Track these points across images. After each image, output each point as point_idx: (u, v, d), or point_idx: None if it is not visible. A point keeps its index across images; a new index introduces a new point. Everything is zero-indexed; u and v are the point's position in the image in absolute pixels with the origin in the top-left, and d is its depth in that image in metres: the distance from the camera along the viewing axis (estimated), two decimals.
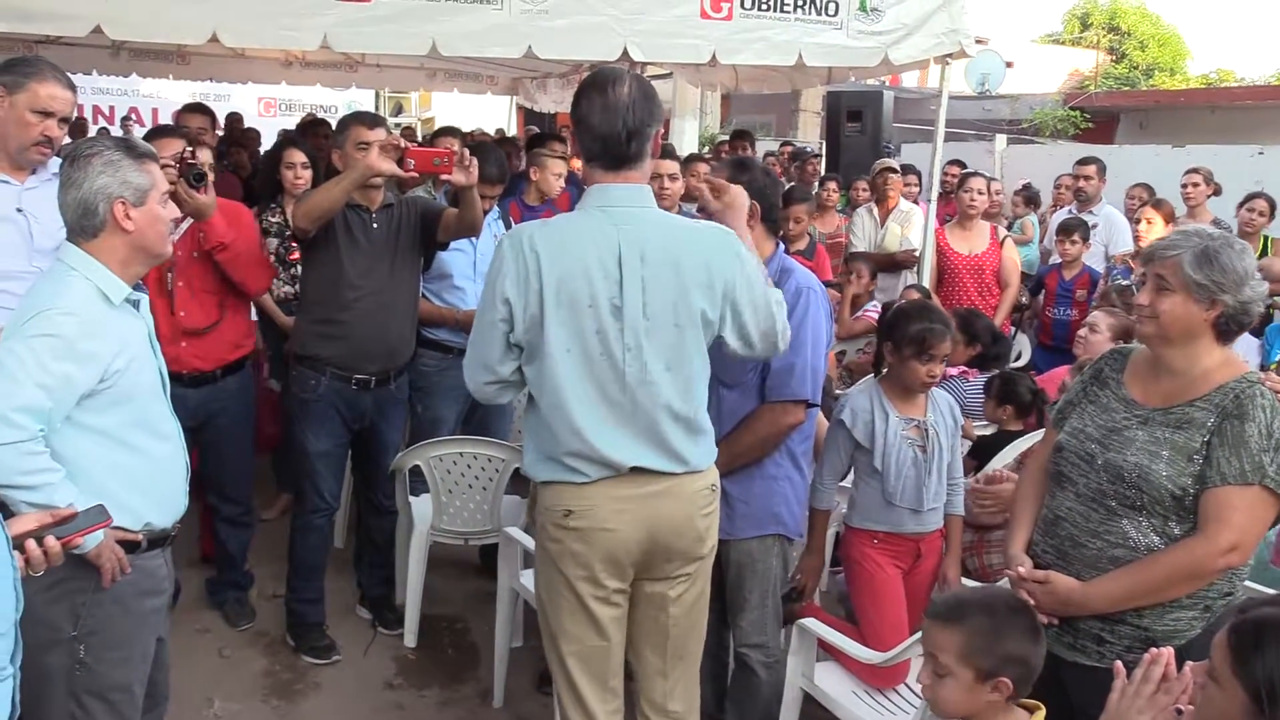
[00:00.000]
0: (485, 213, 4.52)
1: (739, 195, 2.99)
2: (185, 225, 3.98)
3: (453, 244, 4.32)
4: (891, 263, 7.32)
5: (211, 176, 4.39)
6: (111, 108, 18.01)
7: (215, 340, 4.16)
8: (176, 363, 3.77)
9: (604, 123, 2.60)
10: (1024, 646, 2.22)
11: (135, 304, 2.62)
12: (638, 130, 2.61)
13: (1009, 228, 8.44)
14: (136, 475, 2.58)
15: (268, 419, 5.16)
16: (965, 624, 2.25)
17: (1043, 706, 2.27)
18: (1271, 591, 3.15)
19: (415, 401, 4.67)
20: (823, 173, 9.34)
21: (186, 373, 4.00)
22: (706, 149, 14.16)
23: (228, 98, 15.98)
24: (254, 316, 4.78)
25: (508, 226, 4.94)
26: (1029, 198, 9.13)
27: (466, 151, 3.89)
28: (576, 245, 2.60)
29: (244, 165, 8.12)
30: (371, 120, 4.15)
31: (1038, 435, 4.09)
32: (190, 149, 4.00)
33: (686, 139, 14.54)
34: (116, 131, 14.69)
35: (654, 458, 2.65)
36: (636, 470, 2.65)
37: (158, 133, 4.72)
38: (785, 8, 5.58)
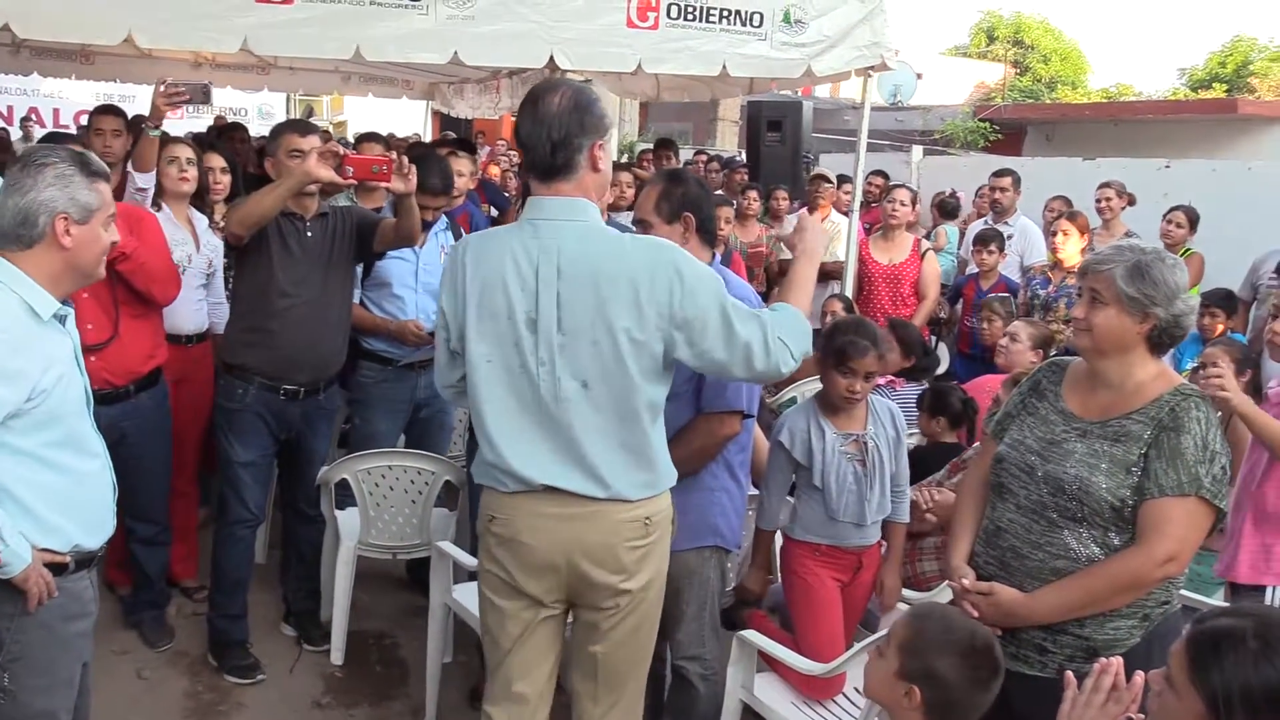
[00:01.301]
0: (430, 224, 4.47)
1: (809, 227, 3.16)
2: None
3: (395, 253, 4.25)
4: (820, 273, 7.37)
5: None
6: (10, 108, 17.37)
7: (125, 353, 3.99)
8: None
9: (531, 134, 2.59)
10: (953, 676, 2.19)
11: (62, 319, 2.53)
12: (563, 141, 2.56)
13: (926, 237, 8.56)
14: (65, 496, 2.48)
15: None
16: (921, 623, 2.28)
17: None
18: (1210, 601, 3.24)
19: (353, 414, 4.59)
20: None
21: (98, 388, 3.79)
22: (624, 156, 14.16)
23: (133, 99, 15.39)
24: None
25: (456, 236, 4.87)
26: (946, 208, 9.25)
27: (405, 159, 3.83)
28: (498, 256, 2.59)
29: None
30: (304, 128, 4.11)
31: None
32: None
33: None
34: (16, 133, 14.23)
35: (572, 478, 2.59)
36: (553, 490, 2.61)
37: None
38: (710, 18, 5.58)
